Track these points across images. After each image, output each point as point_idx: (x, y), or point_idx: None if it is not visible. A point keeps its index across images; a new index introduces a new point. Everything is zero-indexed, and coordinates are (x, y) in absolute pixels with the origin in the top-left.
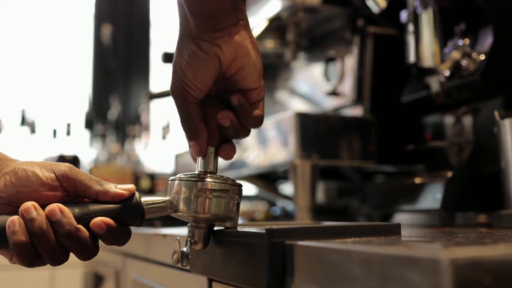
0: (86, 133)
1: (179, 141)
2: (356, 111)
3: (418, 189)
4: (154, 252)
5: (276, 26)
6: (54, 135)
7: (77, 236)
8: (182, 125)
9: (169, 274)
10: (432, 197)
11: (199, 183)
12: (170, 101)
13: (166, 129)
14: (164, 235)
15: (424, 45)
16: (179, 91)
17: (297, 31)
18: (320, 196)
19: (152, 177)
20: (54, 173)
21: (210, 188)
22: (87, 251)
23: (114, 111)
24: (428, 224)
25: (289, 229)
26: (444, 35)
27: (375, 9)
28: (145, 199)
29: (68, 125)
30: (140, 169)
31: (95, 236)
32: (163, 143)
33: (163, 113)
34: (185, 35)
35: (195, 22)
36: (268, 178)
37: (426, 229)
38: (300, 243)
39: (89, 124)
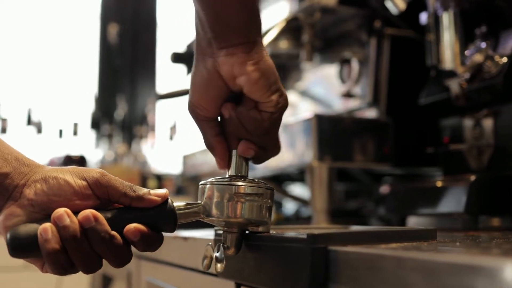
0: (93, 133)
1: (186, 142)
2: (370, 113)
3: (439, 192)
4: (172, 255)
5: (290, 27)
6: (60, 135)
7: (112, 243)
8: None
9: (189, 277)
10: (455, 201)
11: (233, 187)
12: (178, 101)
13: (173, 130)
14: (185, 238)
15: (445, 47)
16: (190, 111)
17: (312, 32)
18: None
19: (159, 177)
20: (86, 180)
21: (243, 192)
22: (121, 258)
23: (120, 111)
24: (448, 228)
25: (331, 234)
26: (464, 37)
27: (394, 10)
28: (177, 204)
29: (75, 125)
30: (147, 169)
31: (128, 242)
32: (170, 144)
33: (170, 113)
34: (197, 51)
35: (204, 38)
36: (276, 180)
37: (454, 233)
38: (346, 249)
39: (95, 124)
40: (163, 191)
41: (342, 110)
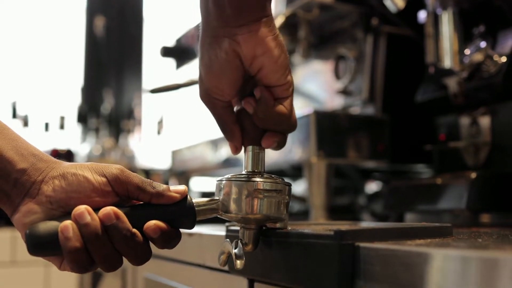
0: (79, 127)
1: (174, 137)
2: (362, 110)
3: (440, 189)
4: (176, 251)
5: (285, 22)
6: (47, 128)
7: (133, 240)
8: (218, 127)
9: (195, 273)
10: (456, 197)
11: (253, 183)
12: (166, 95)
13: (160, 124)
14: (190, 234)
15: (444, 46)
16: (206, 99)
17: (309, 28)
18: None
19: (147, 172)
20: (106, 177)
21: (262, 188)
22: (142, 256)
23: (107, 105)
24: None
25: (358, 230)
26: (462, 36)
27: (392, 8)
28: (196, 200)
29: (62, 118)
30: (134, 164)
31: (147, 239)
32: (158, 138)
33: (158, 108)
34: (206, 35)
35: (217, 17)
36: None
37: (459, 230)
38: (376, 245)
39: (82, 118)
40: (182, 187)
41: (333, 107)
